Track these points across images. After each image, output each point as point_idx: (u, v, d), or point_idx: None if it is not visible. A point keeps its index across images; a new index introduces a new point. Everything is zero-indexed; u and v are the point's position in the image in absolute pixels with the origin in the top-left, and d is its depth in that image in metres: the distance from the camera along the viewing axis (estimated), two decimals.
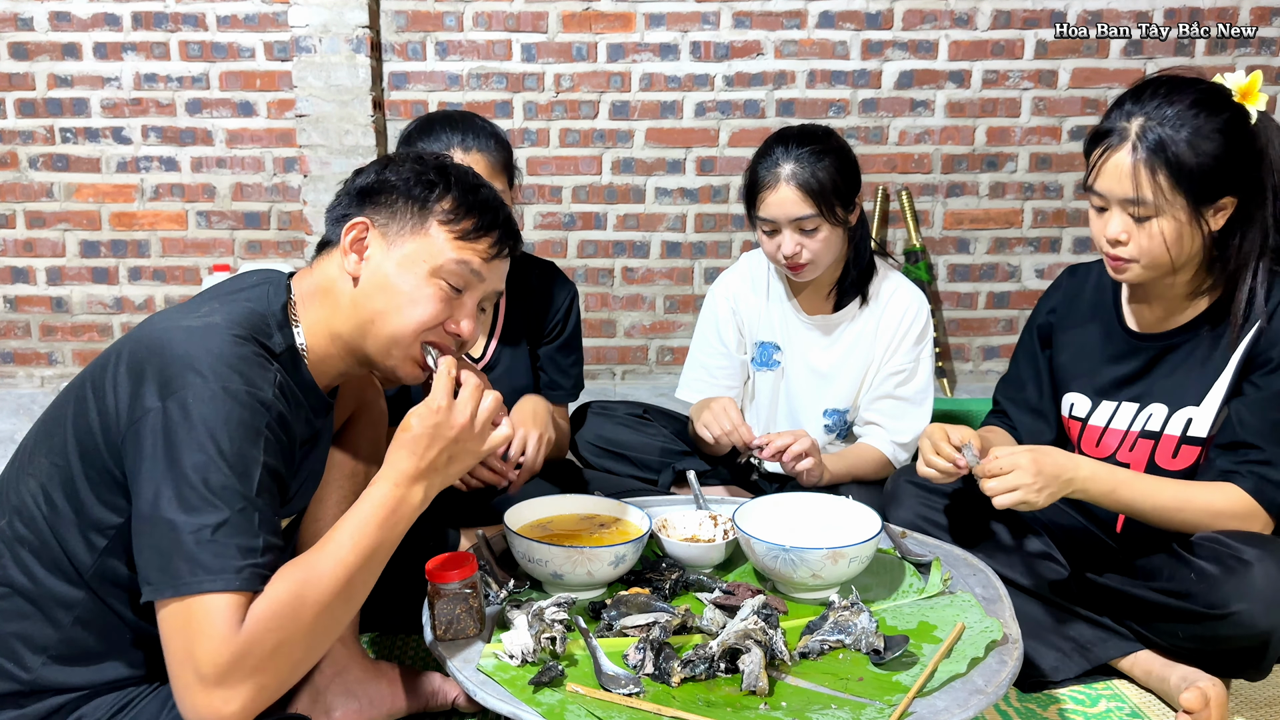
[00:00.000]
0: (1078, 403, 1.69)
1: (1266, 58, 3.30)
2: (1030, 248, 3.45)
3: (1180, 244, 1.48)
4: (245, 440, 1.03)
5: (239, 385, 1.04)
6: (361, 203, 1.22)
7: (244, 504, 1.01)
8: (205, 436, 1.01)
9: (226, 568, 0.97)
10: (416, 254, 1.20)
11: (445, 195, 1.21)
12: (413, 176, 1.21)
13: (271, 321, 1.17)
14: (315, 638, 1.04)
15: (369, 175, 1.24)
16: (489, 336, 1.95)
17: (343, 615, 1.07)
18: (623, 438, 2.11)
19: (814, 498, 1.53)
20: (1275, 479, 1.47)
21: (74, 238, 3.39)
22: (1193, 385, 1.56)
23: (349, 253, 1.20)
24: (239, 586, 0.97)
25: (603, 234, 3.43)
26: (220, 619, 0.96)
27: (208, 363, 1.04)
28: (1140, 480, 1.51)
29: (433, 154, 1.29)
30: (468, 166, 1.28)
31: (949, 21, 3.29)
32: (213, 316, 1.12)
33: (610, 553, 1.33)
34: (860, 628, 1.23)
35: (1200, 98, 1.46)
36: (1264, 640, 1.40)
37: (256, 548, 1.00)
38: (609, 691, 1.12)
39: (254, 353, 1.10)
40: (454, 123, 1.77)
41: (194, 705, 0.97)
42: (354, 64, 3.20)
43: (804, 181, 1.86)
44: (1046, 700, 1.55)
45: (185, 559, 0.97)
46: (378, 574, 1.12)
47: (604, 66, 3.31)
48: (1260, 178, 1.48)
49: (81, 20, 3.25)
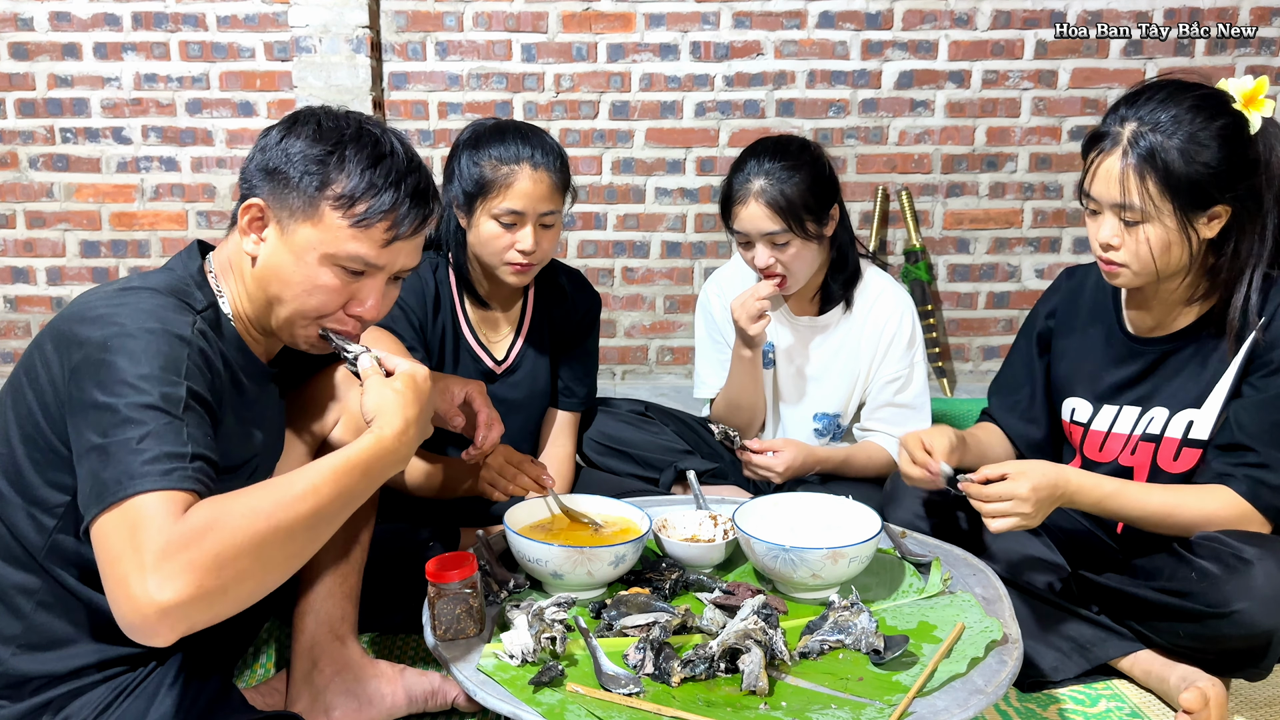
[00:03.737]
0: (1079, 407, 1.68)
1: (1266, 58, 3.29)
2: (1030, 248, 3.45)
3: (1168, 252, 1.47)
4: (166, 368, 1.03)
5: (155, 325, 1.05)
6: (263, 178, 1.19)
7: (168, 419, 0.99)
8: (126, 368, 1.01)
9: (154, 471, 0.95)
10: (308, 241, 1.17)
11: (339, 176, 1.16)
12: (306, 155, 1.16)
13: (190, 282, 1.18)
14: (266, 558, 0.97)
15: (270, 147, 1.19)
16: (515, 336, 1.95)
17: (306, 545, 1.02)
18: (625, 435, 2.11)
19: (814, 497, 1.53)
20: (1271, 482, 1.46)
21: (74, 238, 3.39)
22: (1194, 388, 1.55)
23: (246, 233, 1.19)
24: (172, 485, 0.95)
25: (603, 234, 3.43)
26: (157, 510, 0.93)
27: (125, 315, 1.06)
28: (1128, 489, 1.51)
29: (334, 118, 1.20)
30: (374, 131, 1.20)
31: (949, 21, 3.29)
32: (128, 284, 1.14)
33: (610, 553, 1.34)
34: (860, 628, 1.23)
35: (1197, 103, 1.44)
36: (1265, 640, 1.40)
37: (185, 454, 0.98)
38: (609, 691, 1.12)
39: (172, 303, 1.11)
40: (526, 136, 1.76)
41: (128, 596, 0.90)
42: (354, 64, 3.20)
43: (772, 199, 1.86)
44: (1046, 700, 1.55)
45: (114, 471, 0.96)
46: (344, 517, 1.07)
47: (604, 66, 3.31)
48: (1256, 187, 1.46)
49: (82, 20, 3.25)
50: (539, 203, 1.74)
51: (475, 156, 1.75)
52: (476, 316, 1.92)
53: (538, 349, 1.96)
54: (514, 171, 1.72)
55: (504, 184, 1.72)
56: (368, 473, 1.08)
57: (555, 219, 1.78)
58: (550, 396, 2.01)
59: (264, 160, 1.19)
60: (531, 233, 1.74)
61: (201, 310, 1.15)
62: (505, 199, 1.72)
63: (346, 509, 1.07)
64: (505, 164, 1.73)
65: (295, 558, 1.02)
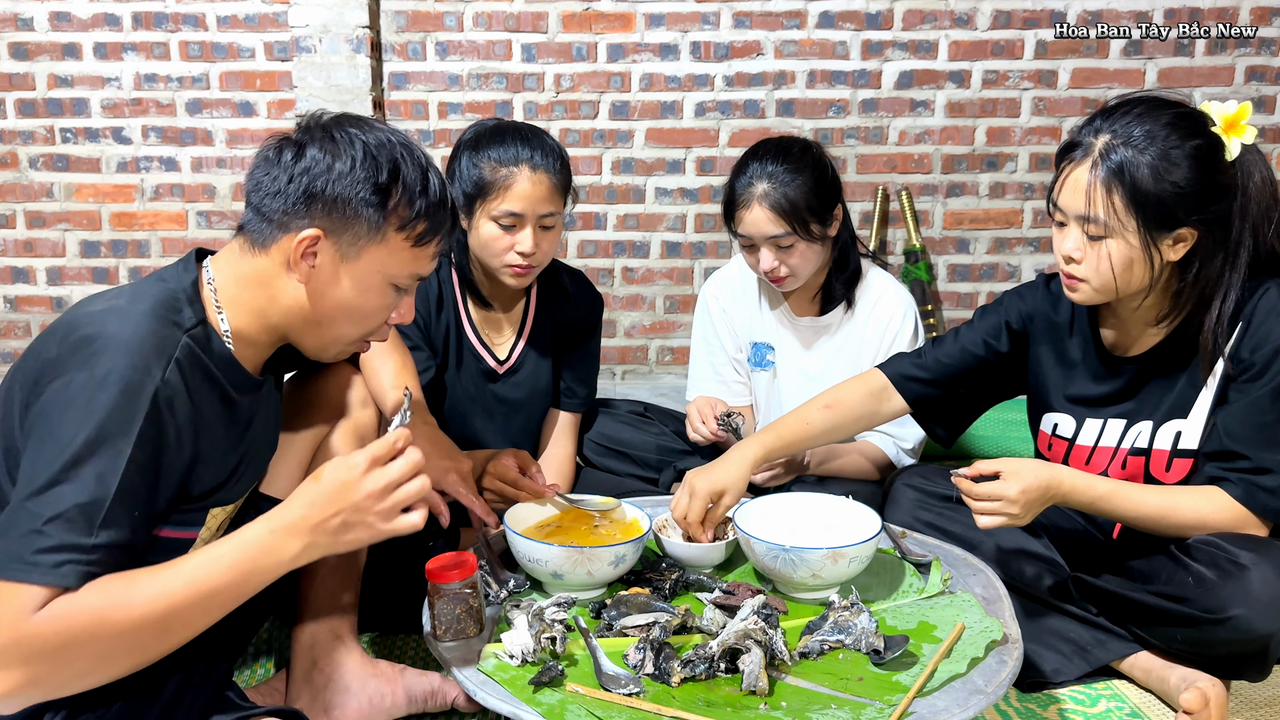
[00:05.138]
0: (1061, 422, 1.66)
1: (1266, 58, 3.29)
2: (1030, 248, 3.45)
3: (1129, 270, 1.44)
4: (116, 431, 1.02)
5: (124, 369, 1.03)
6: (309, 204, 1.15)
7: (89, 501, 0.99)
8: (75, 423, 1.00)
9: (43, 563, 0.97)
10: (372, 265, 1.17)
11: (400, 200, 1.16)
12: (366, 183, 1.14)
13: (181, 297, 1.15)
14: (111, 658, 1.01)
15: (317, 173, 1.14)
16: (517, 337, 1.95)
17: (154, 646, 1.03)
18: (624, 436, 2.11)
19: (814, 497, 1.53)
20: (1266, 485, 1.45)
21: (74, 238, 3.39)
22: (1178, 399, 1.54)
23: (297, 263, 1.16)
24: (47, 581, 0.97)
25: (602, 234, 3.43)
26: (15, 605, 0.95)
27: (100, 345, 1.04)
28: (1123, 490, 1.50)
29: (378, 144, 1.18)
30: (410, 144, 1.20)
31: (949, 21, 3.29)
32: (118, 299, 1.12)
33: (610, 553, 1.34)
34: (860, 628, 1.23)
35: (1173, 121, 1.41)
36: (1262, 644, 1.40)
37: (85, 545, 0.98)
38: (609, 691, 1.12)
39: (153, 331, 1.08)
40: (525, 138, 1.75)
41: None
42: (354, 64, 3.20)
43: (776, 202, 1.86)
44: (1046, 700, 1.55)
45: (8, 543, 0.98)
46: (217, 616, 1.06)
47: (604, 66, 3.31)
48: (1225, 213, 1.43)
49: (81, 20, 3.25)
50: (538, 204, 1.73)
51: (475, 158, 1.74)
52: (479, 317, 1.92)
53: (540, 350, 1.96)
54: (513, 173, 1.71)
55: (503, 185, 1.71)
56: (238, 569, 1.04)
57: (555, 220, 1.78)
58: (552, 397, 2.01)
59: (311, 185, 1.14)
60: (531, 235, 1.74)
61: (190, 328, 1.13)
62: (504, 201, 1.72)
63: (218, 607, 1.05)
64: (504, 165, 1.72)
65: (149, 653, 1.03)
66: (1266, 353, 1.44)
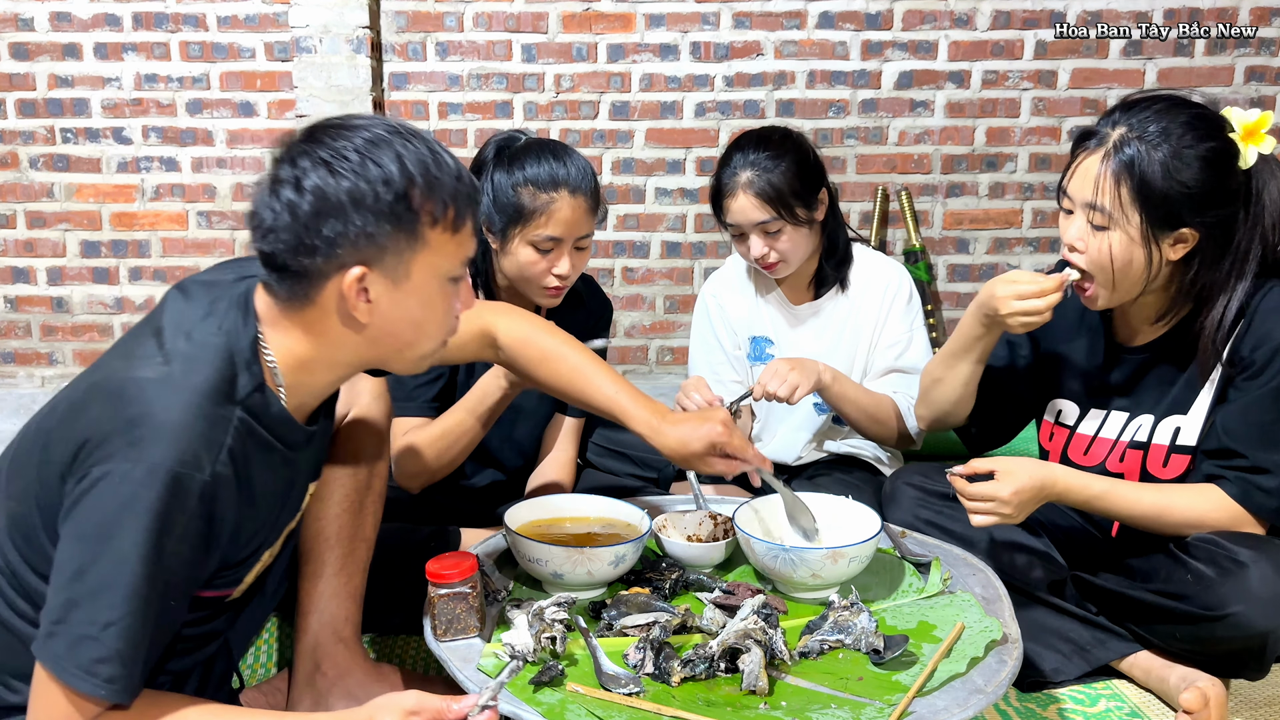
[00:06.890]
0: (1065, 409, 1.67)
1: (1266, 58, 3.29)
2: (1030, 248, 3.45)
3: (1128, 265, 1.45)
4: (162, 530, 0.99)
5: (172, 464, 0.99)
6: (336, 245, 1.06)
7: (139, 611, 0.99)
8: (122, 522, 0.98)
9: (99, 675, 0.98)
10: (426, 273, 1.11)
11: (422, 195, 1.08)
12: (383, 195, 1.06)
13: (239, 361, 1.08)
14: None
15: (328, 210, 1.05)
16: None
17: None
18: (625, 436, 2.11)
19: (814, 497, 1.53)
20: (1263, 485, 1.46)
21: (74, 238, 3.39)
22: (1179, 395, 1.54)
23: (356, 306, 1.09)
24: (100, 695, 0.98)
25: (602, 234, 3.43)
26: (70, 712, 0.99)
27: (147, 432, 1.00)
28: (1119, 488, 1.50)
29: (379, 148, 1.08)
30: (416, 138, 1.10)
31: (949, 22, 3.29)
32: (171, 364, 1.06)
33: (610, 553, 1.34)
34: (860, 627, 1.23)
35: (1190, 121, 1.41)
36: (1261, 642, 1.40)
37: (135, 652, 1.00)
38: (609, 691, 1.12)
39: (204, 415, 1.03)
40: (560, 158, 1.72)
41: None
42: (354, 64, 3.20)
43: (760, 189, 1.88)
44: (1046, 700, 1.55)
45: (69, 644, 0.98)
46: None
47: (604, 67, 3.31)
48: (1230, 219, 1.43)
49: (82, 20, 3.25)
50: (576, 228, 1.73)
51: (510, 181, 1.71)
52: None
53: None
54: (554, 199, 1.69)
55: (544, 212, 1.69)
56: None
57: (589, 240, 1.78)
58: (558, 402, 2.01)
59: (331, 225, 1.05)
60: (569, 257, 1.74)
61: (245, 398, 1.08)
62: (546, 228, 1.70)
63: None
64: (544, 191, 1.69)
65: None
66: (1267, 352, 1.44)
